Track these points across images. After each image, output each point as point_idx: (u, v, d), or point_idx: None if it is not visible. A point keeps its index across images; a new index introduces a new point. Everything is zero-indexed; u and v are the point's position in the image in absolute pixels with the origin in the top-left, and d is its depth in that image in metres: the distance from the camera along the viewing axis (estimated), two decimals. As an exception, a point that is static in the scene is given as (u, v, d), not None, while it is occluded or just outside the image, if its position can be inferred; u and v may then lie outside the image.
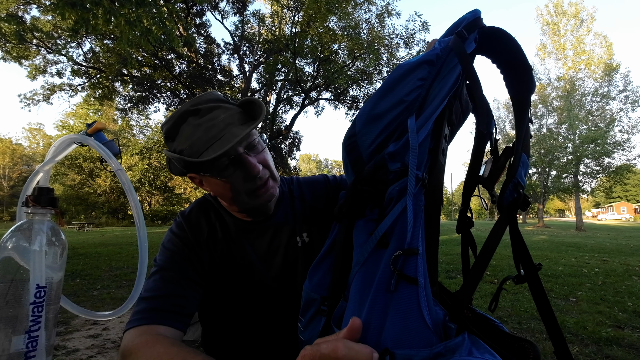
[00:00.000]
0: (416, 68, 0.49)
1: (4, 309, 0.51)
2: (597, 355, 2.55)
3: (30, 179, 0.70)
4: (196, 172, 0.72)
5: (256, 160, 0.70)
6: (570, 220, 47.51)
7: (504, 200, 0.50)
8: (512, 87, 0.55)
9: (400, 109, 0.48)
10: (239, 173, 0.69)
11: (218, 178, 0.69)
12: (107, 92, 11.88)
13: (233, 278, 0.77)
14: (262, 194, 0.72)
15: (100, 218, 33.60)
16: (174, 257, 0.73)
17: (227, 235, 0.79)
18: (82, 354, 2.65)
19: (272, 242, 0.81)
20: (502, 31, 0.50)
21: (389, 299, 0.41)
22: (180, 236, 0.76)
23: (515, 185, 0.50)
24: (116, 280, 5.20)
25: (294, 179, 0.94)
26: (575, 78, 22.85)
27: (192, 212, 0.80)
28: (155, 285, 0.69)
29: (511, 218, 0.50)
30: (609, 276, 5.28)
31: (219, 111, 0.70)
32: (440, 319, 0.40)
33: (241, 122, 0.70)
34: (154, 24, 5.82)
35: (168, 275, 0.71)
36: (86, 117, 26.22)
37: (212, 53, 13.45)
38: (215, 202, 0.83)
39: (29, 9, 9.67)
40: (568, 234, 16.87)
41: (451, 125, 0.54)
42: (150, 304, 0.66)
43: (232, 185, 0.70)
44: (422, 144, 0.46)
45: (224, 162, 0.68)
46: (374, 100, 0.50)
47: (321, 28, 11.59)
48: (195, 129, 0.68)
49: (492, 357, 0.37)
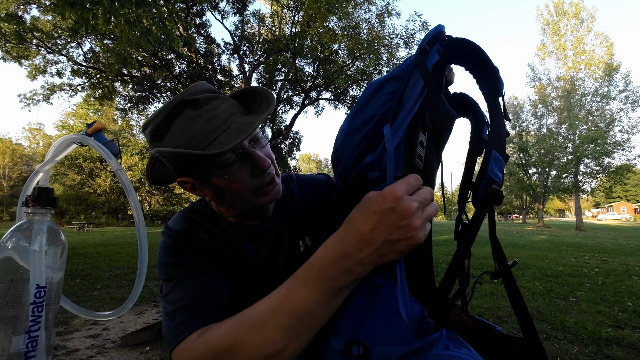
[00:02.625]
0: (385, 84, 0.54)
1: (4, 309, 0.51)
2: (597, 355, 2.54)
3: (30, 179, 0.70)
4: (190, 174, 0.62)
5: (265, 155, 0.63)
6: (570, 220, 47.51)
7: (478, 197, 0.52)
8: (483, 89, 0.59)
9: (374, 121, 0.53)
10: (245, 169, 0.62)
11: (221, 177, 0.61)
12: (107, 92, 11.88)
13: (235, 285, 0.68)
14: (269, 191, 0.65)
15: (100, 218, 33.59)
16: (184, 262, 0.64)
17: (230, 240, 0.70)
18: (82, 354, 2.64)
19: (273, 248, 0.73)
20: (464, 40, 0.55)
21: (371, 294, 0.45)
22: (179, 246, 0.66)
23: (488, 182, 0.52)
24: (116, 280, 5.20)
25: (292, 177, 0.84)
26: (576, 78, 22.85)
27: (182, 222, 0.69)
28: (181, 294, 0.58)
29: (486, 213, 0.53)
30: (609, 276, 5.28)
31: (218, 102, 0.62)
32: (417, 314, 0.43)
33: (243, 113, 0.63)
34: (153, 24, 5.82)
35: (190, 279, 0.61)
36: (86, 117, 26.23)
37: (212, 53, 13.45)
38: (205, 208, 0.73)
39: (29, 9, 9.66)
40: (568, 234, 16.88)
41: (427, 131, 0.58)
42: (185, 313, 0.55)
43: (236, 183, 0.62)
44: (396, 150, 0.50)
45: (228, 158, 0.59)
46: (351, 117, 0.56)
47: (321, 28, 11.59)
48: (192, 121, 0.59)
49: (468, 351, 0.39)
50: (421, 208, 0.44)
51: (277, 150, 15.45)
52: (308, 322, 0.45)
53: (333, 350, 0.45)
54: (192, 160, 0.59)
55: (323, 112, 15.81)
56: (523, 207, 33.30)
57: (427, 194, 0.45)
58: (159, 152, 0.58)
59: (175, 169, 0.61)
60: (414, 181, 0.45)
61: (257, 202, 0.65)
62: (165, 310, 0.59)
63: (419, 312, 0.43)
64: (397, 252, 0.43)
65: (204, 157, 0.57)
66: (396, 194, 0.42)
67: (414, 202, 0.43)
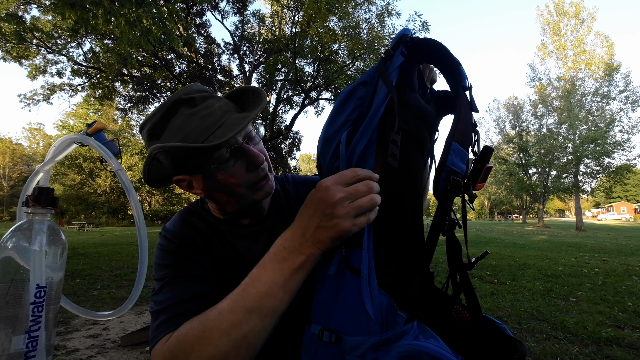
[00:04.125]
0: (355, 90, 0.59)
1: (4, 309, 0.51)
2: (597, 355, 2.54)
3: (30, 179, 0.70)
4: (187, 172, 0.64)
5: (257, 150, 0.66)
6: (570, 220, 47.50)
7: (439, 189, 0.53)
8: (449, 83, 0.61)
9: (346, 127, 0.57)
10: (241, 164, 0.63)
11: (217, 172, 0.62)
12: (107, 92, 11.88)
13: (229, 287, 0.65)
14: (263, 186, 0.67)
15: (100, 218, 33.59)
16: (176, 265, 0.65)
17: (222, 242, 0.71)
18: (82, 354, 2.65)
19: (269, 247, 0.71)
20: (427, 40, 0.58)
21: (336, 284, 0.50)
22: (174, 248, 0.67)
23: (448, 173, 0.53)
24: (116, 280, 5.20)
25: (288, 177, 0.86)
26: (576, 78, 22.86)
27: (178, 224, 0.71)
28: (167, 296, 0.60)
29: (448, 206, 0.54)
30: (609, 276, 5.28)
31: (213, 100, 0.64)
32: (384, 306, 0.46)
33: (237, 111, 0.65)
34: (154, 24, 5.82)
35: (178, 282, 0.62)
36: (86, 117, 26.24)
37: (212, 53, 13.45)
38: (202, 209, 0.74)
39: (29, 9, 9.67)
40: (568, 234, 16.87)
41: (402, 131, 0.59)
42: (170, 312, 0.57)
43: (232, 178, 0.63)
44: (367, 152, 0.54)
45: (224, 153, 0.61)
46: (326, 125, 0.60)
47: (321, 28, 11.59)
48: (188, 118, 0.61)
49: (436, 342, 0.42)
50: (349, 199, 0.47)
51: (277, 150, 15.45)
52: (270, 304, 0.49)
53: (310, 335, 0.51)
54: (190, 154, 0.60)
55: (323, 112, 15.84)
56: (523, 207, 33.30)
57: (362, 186, 0.48)
58: (157, 148, 0.59)
59: (172, 167, 0.62)
60: (349, 173, 0.50)
61: (253, 198, 0.67)
62: (150, 309, 0.61)
63: (386, 304, 0.46)
64: (329, 238, 0.48)
65: (201, 150, 0.58)
66: (324, 184, 0.49)
67: (340, 192, 0.47)
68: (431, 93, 0.71)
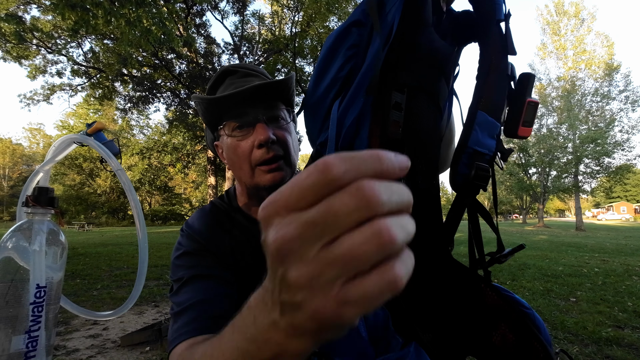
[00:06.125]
0: (344, 36, 0.42)
1: (4, 309, 0.51)
2: (597, 355, 2.54)
3: (30, 179, 0.70)
4: (217, 137, 0.71)
5: (271, 132, 0.63)
6: (570, 220, 47.49)
7: (457, 177, 0.40)
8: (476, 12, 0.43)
9: (336, 89, 0.41)
10: (250, 138, 0.64)
11: (228, 137, 0.66)
12: (107, 92, 11.88)
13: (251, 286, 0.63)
14: (266, 170, 0.64)
15: (100, 218, 33.60)
16: (193, 265, 0.64)
17: (246, 238, 0.69)
18: (82, 354, 2.64)
19: None
20: None
21: None
22: (191, 247, 0.66)
23: (470, 157, 0.39)
24: (116, 280, 5.20)
25: None
26: (576, 78, 22.85)
27: (198, 218, 0.71)
28: (186, 297, 0.59)
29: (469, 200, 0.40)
30: (609, 276, 5.28)
31: (254, 78, 0.70)
32: (380, 323, 0.36)
33: None
34: (154, 24, 5.83)
35: (199, 283, 0.61)
36: (86, 117, 26.24)
37: (212, 53, 13.45)
38: (226, 204, 0.75)
39: (29, 9, 9.67)
40: (568, 234, 16.87)
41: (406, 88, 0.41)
42: (190, 315, 0.56)
43: (239, 148, 0.65)
44: (359, 123, 0.38)
45: (236, 121, 0.65)
46: (311, 87, 0.45)
47: (321, 28, 11.59)
48: (227, 86, 0.69)
49: None
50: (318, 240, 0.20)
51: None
52: None
53: None
54: (204, 105, 0.66)
55: (323, 112, 15.70)
56: (523, 207, 33.29)
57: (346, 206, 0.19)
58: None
59: (209, 127, 0.72)
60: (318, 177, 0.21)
61: (256, 180, 0.65)
62: (170, 311, 0.60)
63: (382, 319, 0.36)
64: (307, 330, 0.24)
65: (206, 101, 0.64)
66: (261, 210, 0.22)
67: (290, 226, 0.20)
68: (448, 16, 0.50)
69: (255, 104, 0.64)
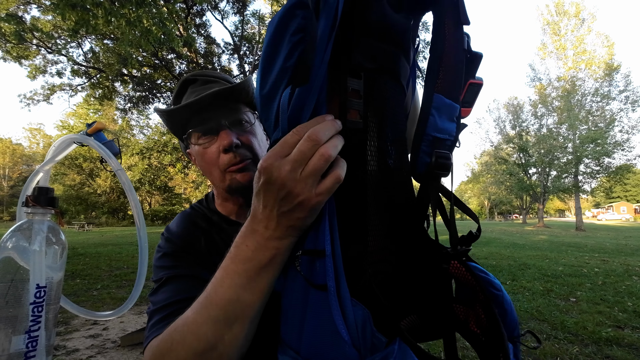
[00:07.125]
0: (288, 20, 0.37)
1: (4, 309, 0.51)
2: (597, 355, 2.54)
3: (30, 179, 0.70)
4: (187, 146, 0.73)
5: (235, 136, 0.66)
6: (570, 220, 47.49)
7: (418, 167, 0.38)
8: None
9: (286, 80, 0.38)
10: (215, 144, 0.68)
11: (195, 145, 0.69)
12: (107, 92, 11.88)
13: None
14: (235, 170, 0.67)
15: (100, 218, 33.60)
16: (172, 266, 0.65)
17: (224, 239, 0.70)
18: (82, 354, 2.64)
19: None
20: None
21: (301, 302, 0.37)
22: (171, 249, 0.67)
23: (430, 144, 0.38)
24: (116, 280, 5.20)
25: None
26: (576, 78, 22.86)
27: (178, 223, 0.72)
28: (163, 296, 0.60)
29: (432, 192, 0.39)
30: (609, 276, 5.28)
31: (214, 84, 0.72)
32: (360, 320, 0.35)
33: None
34: (154, 24, 5.83)
35: (176, 283, 0.62)
36: (86, 117, 26.21)
37: (212, 53, 13.45)
38: (205, 208, 0.76)
39: (29, 9, 9.67)
40: (568, 234, 16.87)
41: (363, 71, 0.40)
42: (162, 313, 0.56)
43: (207, 155, 0.68)
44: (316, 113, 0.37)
45: (199, 130, 0.68)
46: (260, 77, 0.41)
47: (321, 28, 11.58)
48: (189, 95, 0.71)
49: None
50: (298, 168, 0.36)
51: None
52: (238, 310, 0.42)
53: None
54: (164, 117, 0.70)
55: (323, 112, 15.72)
56: (523, 207, 33.29)
57: (305, 143, 0.35)
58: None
59: (177, 137, 0.74)
60: (290, 139, 0.36)
61: (227, 183, 0.68)
62: (147, 310, 0.62)
63: (362, 318, 0.35)
64: (299, 219, 0.38)
65: (167, 112, 0.67)
66: (263, 165, 0.37)
67: (285, 165, 0.36)
68: None
69: (216, 111, 0.67)
